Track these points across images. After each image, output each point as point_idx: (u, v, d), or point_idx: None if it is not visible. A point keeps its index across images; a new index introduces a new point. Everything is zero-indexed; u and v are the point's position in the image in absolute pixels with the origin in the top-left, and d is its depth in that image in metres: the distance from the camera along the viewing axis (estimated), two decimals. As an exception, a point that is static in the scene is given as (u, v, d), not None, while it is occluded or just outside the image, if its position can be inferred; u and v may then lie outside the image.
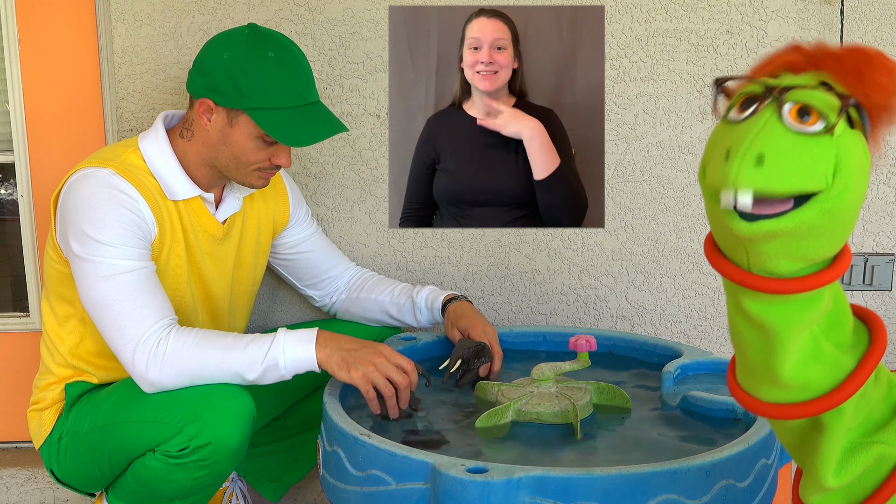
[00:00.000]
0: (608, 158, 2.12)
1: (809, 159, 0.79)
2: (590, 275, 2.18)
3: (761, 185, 0.78)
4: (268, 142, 1.64)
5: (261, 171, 1.68)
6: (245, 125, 1.62)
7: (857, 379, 0.89)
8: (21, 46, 2.11)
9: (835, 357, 0.90)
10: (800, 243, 0.82)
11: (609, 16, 2.07)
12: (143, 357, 1.52)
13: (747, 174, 0.78)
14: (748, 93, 0.83)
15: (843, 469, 0.93)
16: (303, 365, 1.54)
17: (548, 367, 1.58)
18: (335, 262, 2.00)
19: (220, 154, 1.66)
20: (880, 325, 0.93)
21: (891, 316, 2.21)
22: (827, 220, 0.81)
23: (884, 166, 2.13)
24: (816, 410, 0.90)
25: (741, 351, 0.93)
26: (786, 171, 0.78)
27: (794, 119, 0.79)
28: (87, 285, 1.56)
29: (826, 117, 0.79)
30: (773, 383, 0.90)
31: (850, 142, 0.81)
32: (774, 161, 0.78)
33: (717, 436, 1.44)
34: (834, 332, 0.90)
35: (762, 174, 0.78)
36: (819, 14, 2.07)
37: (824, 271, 0.85)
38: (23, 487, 2.21)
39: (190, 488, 1.59)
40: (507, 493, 1.20)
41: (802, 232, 0.81)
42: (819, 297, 0.87)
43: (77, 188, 1.59)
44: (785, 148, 0.79)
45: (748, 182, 0.78)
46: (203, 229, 1.73)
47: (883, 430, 0.94)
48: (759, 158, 0.78)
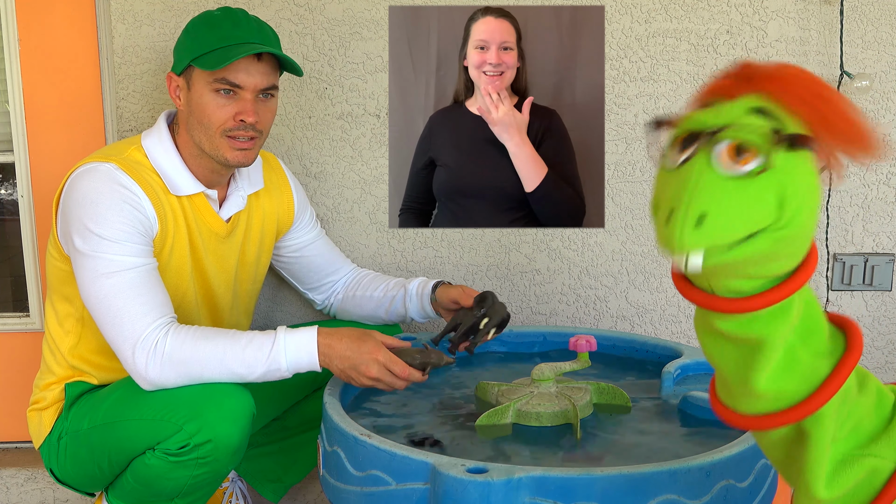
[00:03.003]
0: (608, 158, 2.12)
1: (751, 202, 0.78)
2: (590, 275, 2.18)
3: (707, 243, 0.77)
4: (224, 93, 1.62)
5: (228, 135, 1.64)
6: (197, 80, 1.64)
7: (832, 384, 0.89)
8: (21, 46, 2.11)
9: (811, 365, 0.89)
10: (757, 267, 0.82)
11: (609, 16, 2.07)
12: (143, 355, 1.52)
13: (691, 238, 0.77)
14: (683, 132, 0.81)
15: (835, 481, 0.92)
16: (304, 367, 1.55)
17: (548, 367, 1.58)
18: (337, 265, 2.00)
19: (193, 129, 1.66)
20: (856, 331, 0.92)
21: (891, 316, 2.20)
22: (781, 245, 0.81)
23: (884, 166, 2.13)
24: (794, 418, 0.90)
25: (717, 367, 0.94)
26: (729, 223, 0.77)
27: (730, 160, 0.78)
28: (87, 281, 1.56)
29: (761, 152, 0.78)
30: (750, 395, 0.90)
31: (792, 168, 0.79)
32: (716, 218, 0.77)
33: (717, 436, 1.44)
34: (810, 340, 0.90)
35: (705, 234, 0.77)
36: (819, 14, 2.07)
37: (786, 283, 0.85)
38: (23, 487, 2.21)
39: (190, 486, 1.59)
40: (507, 493, 1.20)
41: (757, 258, 0.81)
42: (788, 307, 0.87)
43: (80, 182, 1.59)
44: (723, 199, 0.77)
45: (693, 245, 0.77)
46: (207, 226, 1.73)
47: (875, 443, 0.93)
48: (700, 219, 0.77)
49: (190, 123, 1.66)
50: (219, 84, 1.62)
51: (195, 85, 1.64)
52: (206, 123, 1.64)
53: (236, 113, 1.63)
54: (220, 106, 1.63)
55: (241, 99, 1.63)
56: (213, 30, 1.63)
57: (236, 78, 1.62)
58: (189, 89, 1.65)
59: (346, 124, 2.10)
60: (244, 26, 1.64)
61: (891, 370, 2.24)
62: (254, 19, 1.67)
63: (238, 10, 1.68)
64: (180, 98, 1.68)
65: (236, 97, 1.63)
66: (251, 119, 1.63)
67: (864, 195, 2.15)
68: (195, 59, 1.62)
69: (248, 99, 1.64)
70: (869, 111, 2.11)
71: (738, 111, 0.80)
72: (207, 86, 1.62)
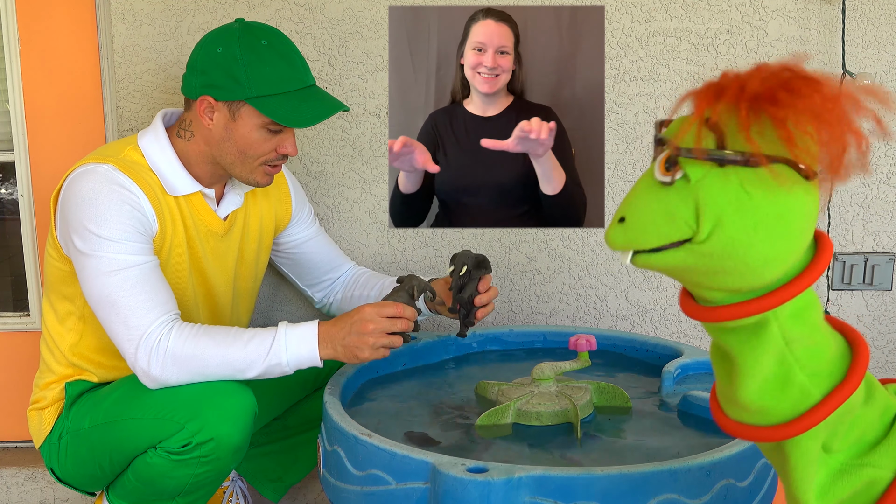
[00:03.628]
0: (608, 158, 2.12)
1: (664, 210, 0.81)
2: (590, 274, 2.18)
3: (627, 243, 0.83)
4: (273, 130, 1.63)
5: (267, 164, 1.67)
6: (248, 116, 1.62)
7: (816, 415, 0.87)
8: (21, 46, 2.11)
9: (804, 388, 0.88)
10: (701, 278, 0.84)
11: (609, 15, 2.07)
12: (146, 353, 1.52)
13: (613, 235, 0.84)
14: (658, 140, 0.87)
15: (831, 492, 0.91)
16: (305, 362, 1.55)
17: (548, 366, 1.58)
18: (337, 263, 2.00)
19: (225, 151, 1.65)
20: (861, 357, 0.90)
21: (891, 315, 2.20)
22: (709, 260, 0.81)
23: (884, 166, 2.13)
24: (773, 437, 0.89)
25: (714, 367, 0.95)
26: (645, 228, 0.82)
27: (661, 171, 0.82)
28: (89, 281, 1.56)
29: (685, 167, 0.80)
30: (734, 403, 0.91)
31: (713, 184, 0.80)
32: (633, 220, 0.83)
33: (717, 436, 1.44)
34: (811, 361, 0.88)
35: (625, 233, 0.83)
36: (819, 13, 2.07)
37: (751, 301, 0.85)
38: (23, 487, 2.21)
39: (191, 485, 1.59)
40: (507, 492, 1.20)
41: (691, 269, 0.83)
42: (763, 325, 0.86)
43: (78, 184, 1.59)
44: (640, 205, 0.82)
45: (614, 242, 0.84)
46: (205, 225, 1.73)
47: (873, 452, 0.92)
48: (622, 218, 0.83)
49: (222, 148, 1.65)
50: (272, 126, 1.62)
51: (243, 119, 1.62)
52: (248, 154, 1.65)
53: (278, 146, 1.65)
54: (266, 139, 1.64)
55: (286, 133, 1.65)
56: (266, 68, 1.60)
57: None
58: (233, 120, 1.63)
59: (347, 123, 2.11)
60: (297, 64, 1.64)
61: (891, 370, 2.24)
62: (293, 47, 1.65)
63: (276, 37, 1.64)
64: (213, 120, 1.64)
65: (281, 132, 1.65)
66: (294, 154, 1.68)
67: (865, 195, 2.15)
68: (251, 99, 1.60)
69: (292, 133, 1.67)
70: (869, 111, 2.11)
71: (689, 123, 0.82)
72: (260, 125, 1.62)
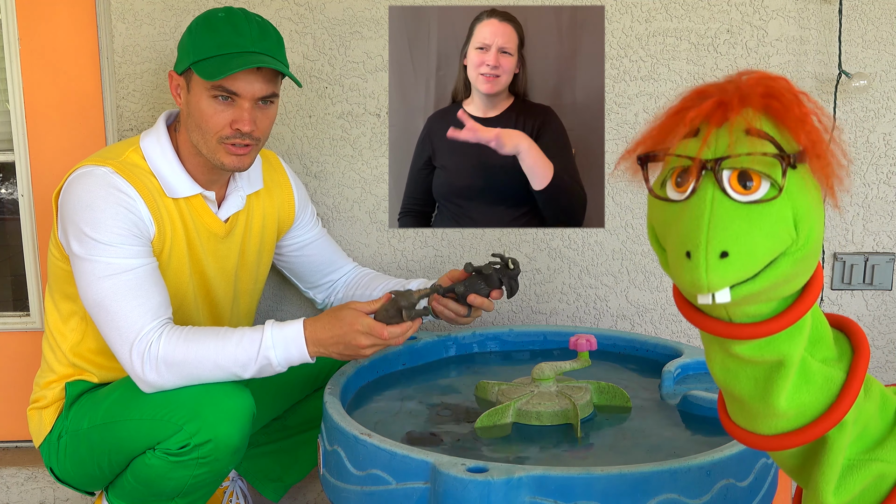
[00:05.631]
0: (608, 158, 2.12)
1: (770, 228, 0.76)
2: (590, 274, 2.18)
3: (735, 278, 0.75)
4: (222, 100, 1.60)
5: (225, 141, 1.63)
6: (196, 85, 1.62)
7: (851, 391, 0.88)
8: (21, 46, 2.11)
9: (824, 374, 0.88)
10: (777, 289, 0.81)
11: (609, 15, 2.07)
12: (139, 358, 1.53)
13: (718, 275, 0.75)
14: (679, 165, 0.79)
15: (843, 487, 0.91)
16: (295, 360, 1.56)
17: (548, 366, 1.58)
18: (338, 265, 2.00)
19: (192, 129, 1.65)
20: (859, 332, 0.91)
21: (891, 315, 2.20)
22: (800, 265, 0.80)
23: (884, 166, 2.13)
24: (820, 432, 0.88)
25: (732, 392, 0.90)
26: (753, 252, 0.75)
27: (737, 189, 0.76)
28: (85, 284, 1.57)
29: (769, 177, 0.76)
30: (771, 415, 0.89)
31: (800, 188, 0.78)
32: (739, 250, 0.75)
33: (717, 436, 1.44)
34: (818, 349, 0.89)
35: (731, 268, 0.75)
36: (819, 13, 2.07)
37: (801, 299, 0.84)
38: (23, 487, 2.21)
39: (190, 486, 1.59)
40: (507, 492, 1.20)
41: (780, 282, 0.80)
42: (804, 322, 0.86)
43: (76, 186, 1.59)
44: (742, 229, 0.75)
45: (721, 282, 0.75)
46: (205, 227, 1.73)
47: (881, 447, 0.92)
48: (723, 254, 0.74)
49: (188, 125, 1.66)
50: (216, 91, 1.60)
51: (194, 88, 1.63)
52: (203, 128, 1.63)
53: (233, 121, 1.61)
54: (218, 112, 1.61)
55: (238, 107, 1.61)
56: (213, 34, 1.60)
57: (234, 86, 1.59)
58: (188, 91, 1.64)
59: (347, 123, 2.11)
60: (246, 33, 1.61)
61: (891, 370, 2.24)
62: (257, 23, 1.63)
63: (241, 13, 1.64)
64: (181, 97, 1.67)
65: (234, 104, 1.61)
66: (247, 128, 1.61)
67: (865, 194, 2.15)
68: (194, 64, 1.60)
69: (246, 107, 1.61)
70: (868, 111, 2.11)
71: (734, 136, 0.77)
72: (205, 91, 1.60)
